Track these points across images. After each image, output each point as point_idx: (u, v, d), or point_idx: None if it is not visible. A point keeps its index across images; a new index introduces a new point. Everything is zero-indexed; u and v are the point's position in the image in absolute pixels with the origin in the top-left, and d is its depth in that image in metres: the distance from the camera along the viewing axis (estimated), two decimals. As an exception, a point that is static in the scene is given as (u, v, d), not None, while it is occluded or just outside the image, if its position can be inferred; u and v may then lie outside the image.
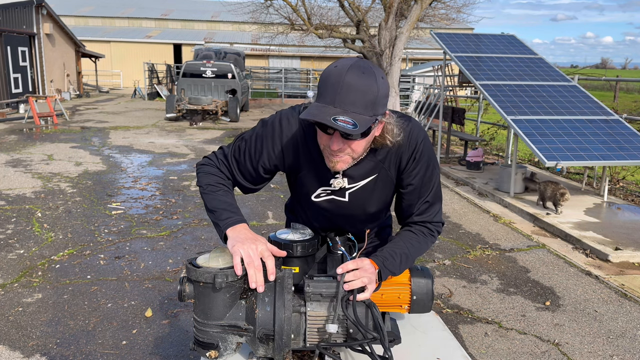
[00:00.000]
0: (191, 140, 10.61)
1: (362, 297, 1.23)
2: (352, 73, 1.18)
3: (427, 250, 1.49)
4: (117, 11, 34.77)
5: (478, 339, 3.15)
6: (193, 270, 1.21)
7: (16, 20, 17.11)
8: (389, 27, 9.27)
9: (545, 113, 6.34)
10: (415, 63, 26.46)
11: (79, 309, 3.32)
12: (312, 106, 1.22)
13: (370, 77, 1.19)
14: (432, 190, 1.46)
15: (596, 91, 26.75)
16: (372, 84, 1.19)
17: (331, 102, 1.19)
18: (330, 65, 1.24)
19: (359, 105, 1.18)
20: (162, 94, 20.87)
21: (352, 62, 1.21)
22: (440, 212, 1.50)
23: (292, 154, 1.44)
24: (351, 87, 1.17)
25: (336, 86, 1.18)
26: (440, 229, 1.51)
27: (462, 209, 6.09)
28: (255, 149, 1.44)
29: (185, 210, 5.59)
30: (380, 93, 1.21)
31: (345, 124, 1.16)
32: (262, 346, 1.23)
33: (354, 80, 1.18)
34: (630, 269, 4.32)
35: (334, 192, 1.48)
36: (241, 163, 1.46)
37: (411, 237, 1.46)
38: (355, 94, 1.18)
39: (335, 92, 1.18)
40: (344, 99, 1.18)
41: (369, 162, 1.41)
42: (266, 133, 1.44)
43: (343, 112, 1.17)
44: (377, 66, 1.29)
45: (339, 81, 1.18)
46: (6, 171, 7.21)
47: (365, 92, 1.18)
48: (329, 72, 1.22)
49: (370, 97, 1.19)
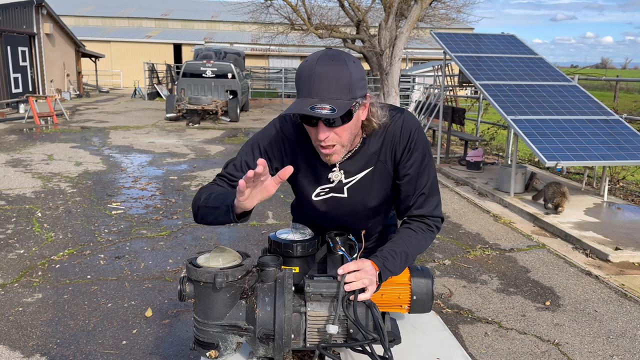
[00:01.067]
0: (191, 140, 10.62)
1: (362, 297, 1.24)
2: (322, 62, 1.24)
3: (427, 247, 1.49)
4: (117, 11, 34.77)
5: (478, 339, 3.15)
6: (193, 270, 1.21)
7: (16, 20, 17.12)
8: (389, 27, 9.27)
9: (545, 113, 6.34)
10: (415, 63, 26.46)
11: (79, 309, 3.33)
12: (292, 102, 1.28)
13: (340, 63, 1.24)
14: (428, 182, 1.47)
15: (596, 91, 26.76)
16: (343, 69, 1.24)
17: (307, 94, 1.24)
18: (302, 62, 1.29)
19: (334, 91, 1.23)
20: (162, 93, 20.87)
21: (321, 53, 1.27)
22: (439, 206, 1.50)
23: (290, 155, 1.47)
24: (323, 75, 1.23)
25: (309, 78, 1.24)
26: (440, 225, 1.51)
27: (462, 209, 6.09)
28: (255, 154, 1.47)
29: (185, 210, 5.59)
30: (353, 77, 1.26)
31: (322, 110, 1.20)
32: (262, 346, 1.23)
33: (324, 68, 1.23)
34: (630, 269, 4.32)
35: (332, 190, 1.50)
36: (243, 171, 1.47)
37: (410, 234, 1.45)
38: (328, 80, 1.23)
39: (310, 84, 1.23)
40: (318, 89, 1.23)
41: (363, 154, 1.44)
42: (264, 137, 1.47)
43: (320, 101, 1.22)
44: (347, 53, 1.32)
45: (310, 73, 1.24)
46: (6, 171, 7.21)
47: (338, 77, 1.23)
48: (301, 67, 1.27)
49: (343, 81, 1.24)
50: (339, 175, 1.46)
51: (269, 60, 28.90)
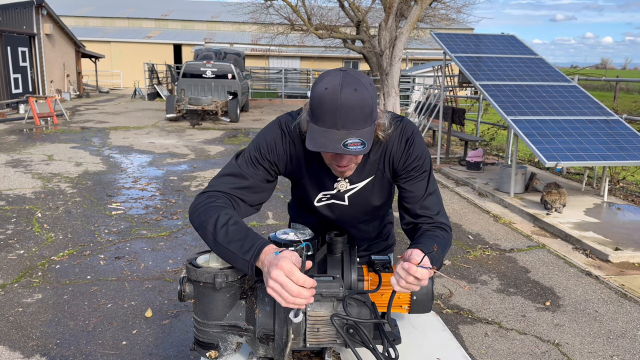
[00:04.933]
0: (191, 141, 10.62)
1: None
2: (346, 93, 1.19)
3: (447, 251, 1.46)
4: (117, 11, 34.78)
5: (478, 339, 3.15)
6: (193, 270, 1.21)
7: (16, 21, 17.12)
8: (389, 28, 9.27)
9: (545, 113, 6.34)
10: (415, 63, 26.46)
11: (79, 309, 3.32)
12: (314, 132, 1.22)
13: (363, 91, 1.21)
14: (428, 183, 1.44)
15: (596, 91, 26.76)
16: (366, 97, 1.21)
17: (332, 125, 1.20)
18: (319, 86, 1.23)
19: (360, 121, 1.21)
20: (162, 94, 20.87)
21: (341, 79, 1.21)
22: (443, 211, 1.47)
23: (295, 160, 1.45)
24: (349, 107, 1.19)
25: (334, 110, 1.19)
26: (450, 231, 1.47)
27: (462, 209, 6.09)
28: (260, 155, 1.42)
29: (185, 210, 5.59)
30: (373, 101, 1.24)
31: (356, 147, 1.19)
32: (262, 346, 1.23)
33: (349, 100, 1.19)
34: (630, 269, 4.32)
35: (334, 197, 1.51)
36: (245, 175, 1.41)
37: (439, 239, 1.38)
38: (354, 112, 1.20)
39: (335, 115, 1.20)
40: (345, 120, 1.20)
41: (365, 163, 1.44)
42: (271, 135, 1.43)
43: (348, 134, 1.20)
44: (361, 73, 1.29)
45: (335, 105, 1.19)
46: (6, 171, 7.21)
47: (363, 107, 1.21)
48: (322, 95, 1.21)
49: (367, 110, 1.22)
50: (344, 184, 1.46)
51: (269, 61, 28.91)
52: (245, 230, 1.23)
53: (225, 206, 1.32)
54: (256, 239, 1.20)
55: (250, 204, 1.41)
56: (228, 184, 1.38)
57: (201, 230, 1.30)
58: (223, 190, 1.36)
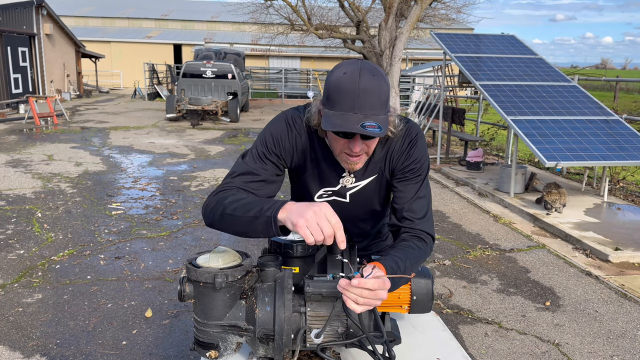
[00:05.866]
0: (191, 141, 10.62)
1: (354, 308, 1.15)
2: (365, 77, 1.22)
3: (422, 262, 1.42)
4: (117, 11, 34.78)
5: (478, 339, 3.15)
6: (193, 270, 1.21)
7: (16, 21, 17.12)
8: (389, 28, 9.27)
9: (545, 113, 6.34)
10: (415, 63, 26.46)
11: (79, 309, 3.32)
12: (330, 116, 1.24)
13: (380, 78, 1.24)
14: (421, 187, 1.43)
15: (596, 91, 26.75)
16: (382, 84, 1.24)
17: (350, 109, 1.22)
18: (336, 72, 1.26)
19: (377, 107, 1.23)
20: (162, 94, 20.87)
21: (359, 65, 1.24)
22: (431, 221, 1.44)
23: (301, 154, 1.46)
24: (367, 91, 1.22)
25: (353, 93, 1.22)
26: (432, 244, 1.44)
27: (462, 209, 6.09)
28: (267, 149, 1.43)
29: (185, 210, 5.59)
30: (389, 91, 1.27)
31: (373, 129, 1.20)
32: (262, 346, 1.23)
33: (368, 84, 1.22)
34: (630, 269, 4.32)
35: (335, 193, 1.51)
36: (255, 172, 1.41)
37: (412, 252, 1.36)
38: (372, 97, 1.22)
39: (354, 98, 1.22)
40: (363, 104, 1.22)
41: (369, 161, 1.45)
42: (277, 129, 1.44)
43: (365, 117, 1.21)
44: (376, 65, 1.31)
45: (354, 88, 1.22)
46: (6, 171, 7.21)
47: (380, 93, 1.23)
48: (340, 79, 1.24)
49: (384, 97, 1.25)
50: (349, 180, 1.47)
51: (269, 61, 28.90)
52: (263, 200, 1.27)
53: (237, 192, 1.35)
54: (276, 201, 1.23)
55: (262, 197, 1.42)
56: (239, 181, 1.39)
57: (218, 221, 1.32)
58: (236, 186, 1.38)
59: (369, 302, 1.12)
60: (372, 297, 1.12)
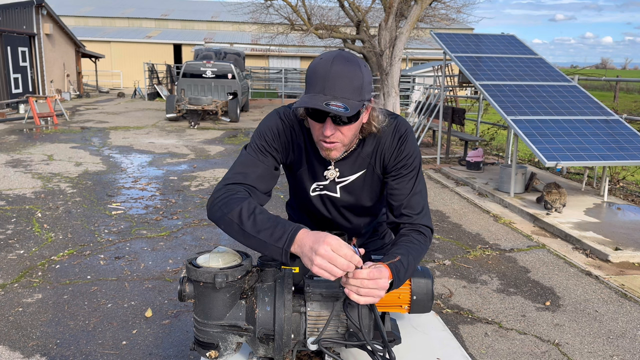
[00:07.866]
0: (191, 141, 10.62)
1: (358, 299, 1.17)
2: (338, 62, 1.26)
3: (422, 258, 1.44)
4: (117, 11, 34.78)
5: (478, 339, 3.15)
6: (193, 270, 1.21)
7: (16, 21, 17.12)
8: (389, 27, 9.27)
9: (545, 113, 6.34)
10: (415, 63, 26.47)
11: (79, 309, 3.32)
12: (303, 96, 1.29)
13: (354, 65, 1.27)
14: (416, 182, 1.44)
15: (596, 91, 26.76)
16: (357, 71, 1.27)
17: (321, 90, 1.26)
18: (315, 59, 1.32)
19: (347, 91, 1.26)
20: (162, 94, 20.87)
21: (336, 53, 1.30)
22: (428, 214, 1.45)
23: (296, 147, 1.48)
24: (338, 75, 1.25)
25: (325, 76, 1.26)
26: (431, 236, 1.45)
27: (462, 209, 6.09)
28: (267, 143, 1.45)
29: (185, 210, 5.59)
30: (365, 80, 1.29)
31: (337, 107, 1.22)
32: (262, 346, 1.23)
33: (340, 68, 1.26)
34: (630, 269, 4.32)
35: (326, 187, 1.53)
36: (257, 163, 1.43)
37: (413, 246, 1.37)
38: (342, 80, 1.25)
39: (325, 81, 1.26)
40: (333, 87, 1.25)
41: (357, 156, 1.46)
42: (271, 124, 1.46)
43: (333, 98, 1.24)
44: (359, 57, 1.35)
45: (326, 71, 1.26)
46: (6, 171, 7.21)
47: (352, 78, 1.26)
48: (316, 64, 1.29)
49: (356, 83, 1.27)
50: (334, 173, 1.48)
51: (269, 61, 28.91)
52: (274, 218, 1.25)
53: (246, 197, 1.34)
54: (287, 225, 1.21)
55: (263, 192, 1.44)
56: (244, 174, 1.40)
57: (224, 223, 1.32)
58: (240, 182, 1.39)
59: (371, 293, 1.13)
60: (373, 287, 1.13)
